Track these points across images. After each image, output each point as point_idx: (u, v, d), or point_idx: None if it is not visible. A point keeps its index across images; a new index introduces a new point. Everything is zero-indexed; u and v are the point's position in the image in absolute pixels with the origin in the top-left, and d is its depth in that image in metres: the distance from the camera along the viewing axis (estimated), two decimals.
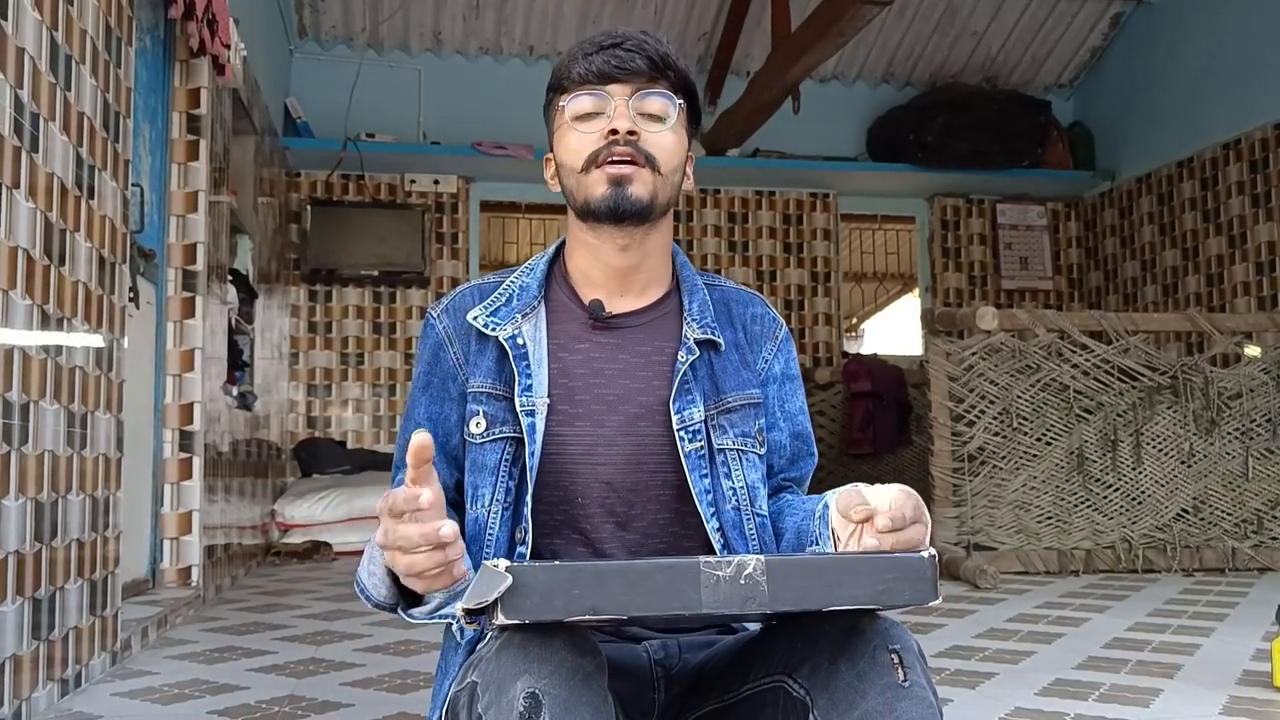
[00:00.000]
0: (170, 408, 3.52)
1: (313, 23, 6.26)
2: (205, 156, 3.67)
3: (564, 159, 1.20)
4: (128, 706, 2.17)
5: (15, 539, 1.95)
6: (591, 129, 1.17)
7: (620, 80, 1.17)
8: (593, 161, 1.16)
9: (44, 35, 2.10)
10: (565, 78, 1.19)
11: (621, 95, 1.17)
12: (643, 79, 1.17)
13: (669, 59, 1.19)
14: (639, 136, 1.16)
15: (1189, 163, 6.17)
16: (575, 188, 1.19)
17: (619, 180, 1.15)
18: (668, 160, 1.18)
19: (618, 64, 1.16)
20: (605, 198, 1.16)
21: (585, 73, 1.17)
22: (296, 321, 6.27)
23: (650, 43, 1.18)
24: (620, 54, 1.16)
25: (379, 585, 1.06)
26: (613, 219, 1.17)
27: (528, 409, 1.17)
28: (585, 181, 1.17)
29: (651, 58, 1.17)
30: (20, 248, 1.98)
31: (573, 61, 1.19)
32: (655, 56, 1.17)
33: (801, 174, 6.71)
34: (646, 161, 1.16)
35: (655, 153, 1.17)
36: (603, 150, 1.16)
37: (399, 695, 2.25)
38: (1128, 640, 2.82)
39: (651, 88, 1.18)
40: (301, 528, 5.24)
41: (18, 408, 1.96)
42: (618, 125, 1.15)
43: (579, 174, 1.18)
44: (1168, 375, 4.41)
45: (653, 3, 6.31)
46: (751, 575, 0.86)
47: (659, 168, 1.17)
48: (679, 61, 1.20)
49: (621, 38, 1.18)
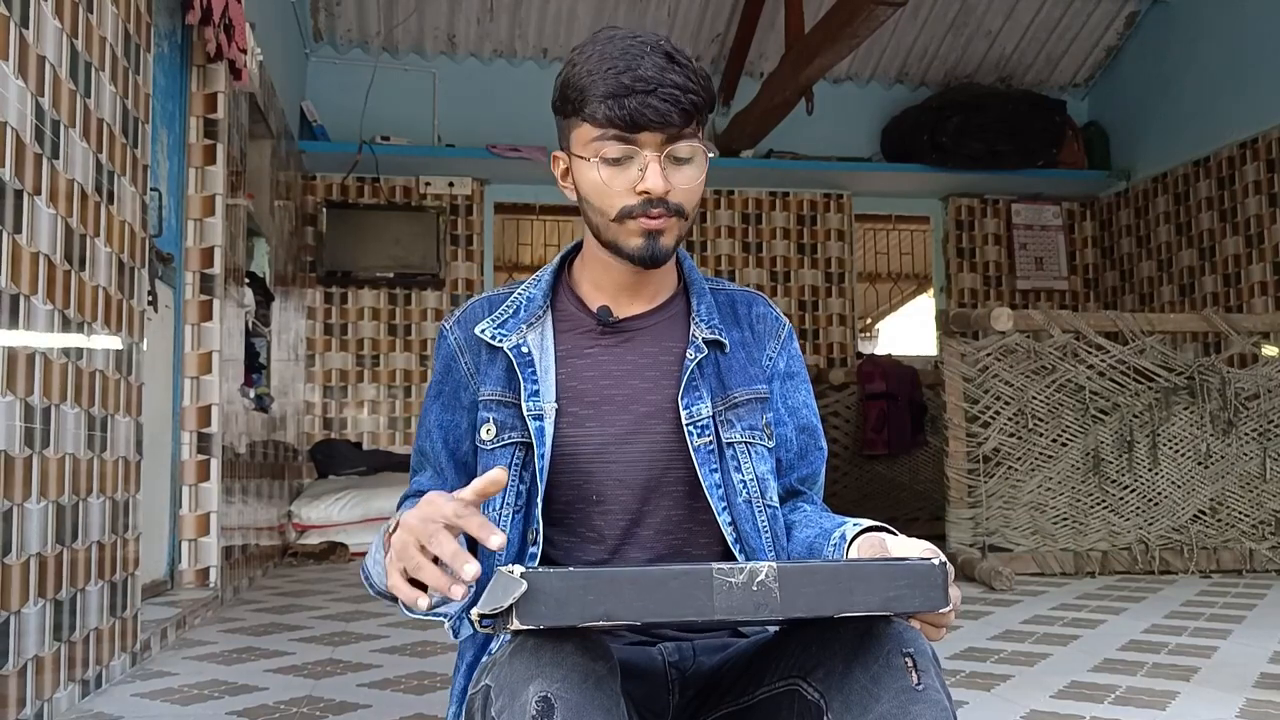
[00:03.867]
0: (188, 410, 3.55)
1: (328, 26, 6.29)
2: (222, 160, 3.70)
3: (591, 198, 1.19)
4: (148, 707, 2.20)
5: (37, 541, 1.97)
6: (621, 180, 1.16)
7: (651, 129, 1.13)
8: (627, 215, 1.17)
9: (64, 43, 2.12)
10: (589, 109, 1.14)
11: (652, 146, 1.14)
12: (674, 129, 1.14)
13: (699, 102, 1.15)
14: (670, 191, 1.15)
15: (1205, 162, 6.13)
16: (603, 228, 1.19)
17: (652, 233, 1.17)
18: (691, 202, 1.19)
19: (652, 115, 1.12)
20: (639, 249, 1.18)
21: (613, 117, 1.13)
22: (313, 323, 6.30)
23: (681, 89, 1.13)
24: (654, 104, 1.12)
25: (383, 575, 1.08)
26: (643, 265, 1.20)
27: (535, 414, 1.20)
28: (617, 229, 1.18)
29: (685, 110, 1.14)
30: (41, 253, 2.00)
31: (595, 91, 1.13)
32: (689, 106, 1.14)
33: (816, 175, 6.71)
34: (676, 213, 1.17)
35: (684, 202, 1.18)
36: (637, 208, 1.16)
37: (416, 696, 2.26)
38: (1144, 642, 2.81)
39: (682, 137, 1.15)
40: (318, 529, 5.27)
41: (39, 411, 1.98)
42: (651, 188, 1.14)
43: (610, 220, 1.18)
44: (1184, 376, 4.39)
45: (666, 4, 6.31)
46: (764, 582, 0.86)
47: (686, 214, 1.19)
48: (706, 93, 1.17)
49: (653, 82, 1.12)
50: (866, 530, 1.14)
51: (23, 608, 1.91)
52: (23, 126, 1.92)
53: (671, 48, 1.16)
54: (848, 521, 1.18)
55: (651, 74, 1.12)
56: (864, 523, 1.16)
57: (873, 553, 1.08)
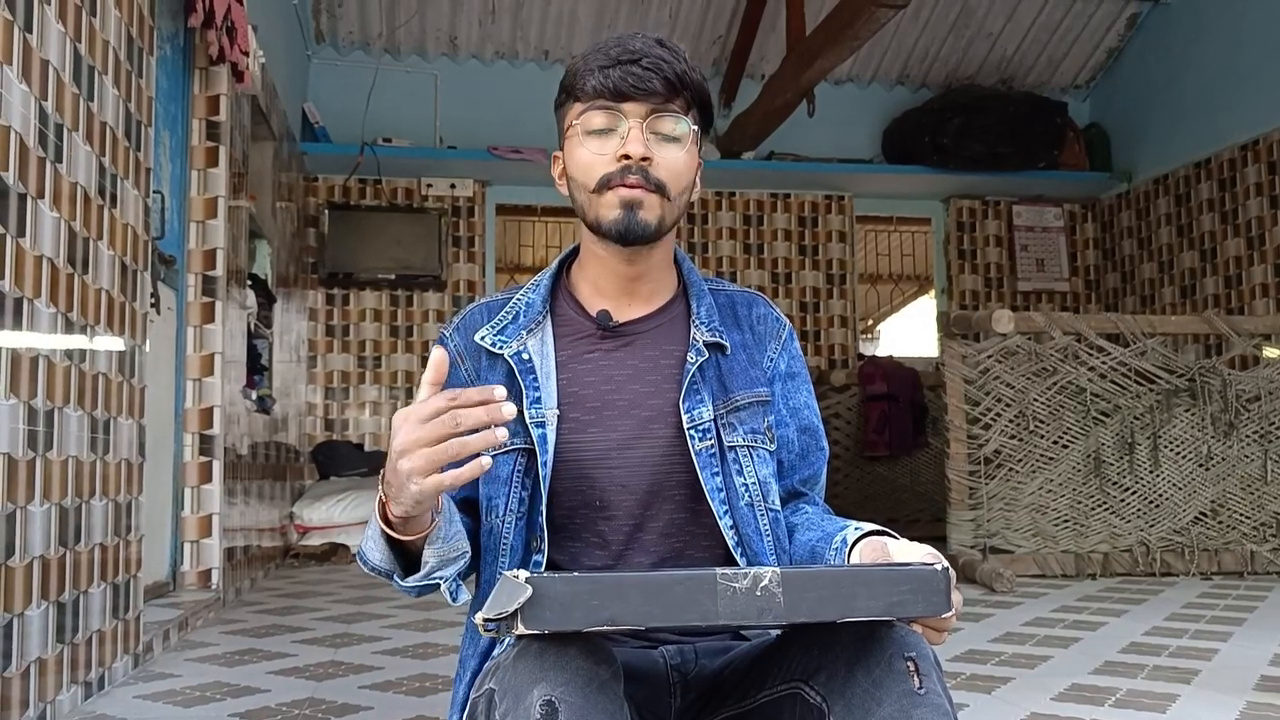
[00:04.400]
0: (190, 412, 3.55)
1: (330, 28, 6.29)
2: (224, 163, 3.71)
3: (575, 174, 1.21)
4: (150, 709, 2.20)
5: (40, 544, 1.98)
6: (604, 149, 1.18)
7: (635, 99, 1.16)
8: (605, 184, 1.17)
9: (67, 47, 2.12)
10: (579, 86, 1.18)
11: (636, 115, 1.17)
12: (658, 99, 1.16)
13: (685, 76, 1.18)
14: (651, 162, 1.17)
15: (1207, 164, 6.13)
16: (586, 204, 1.21)
17: (630, 204, 1.17)
18: (677, 183, 1.20)
19: (634, 82, 1.15)
20: (616, 221, 1.18)
21: (600, 87, 1.16)
22: (314, 325, 6.31)
23: (667, 61, 1.17)
24: (637, 71, 1.15)
25: (374, 549, 1.09)
26: (621, 241, 1.19)
27: (537, 420, 1.19)
28: (597, 201, 1.19)
29: (668, 78, 1.16)
30: (44, 256, 2.00)
31: (588, 70, 1.18)
32: (672, 76, 1.16)
33: (817, 176, 6.71)
34: (657, 188, 1.18)
35: (666, 179, 1.18)
36: (615, 174, 1.17)
37: (418, 698, 2.27)
38: (1145, 645, 2.82)
39: (666, 109, 1.17)
40: (319, 530, 5.28)
41: (42, 414, 1.99)
42: (631, 150, 1.16)
43: (590, 193, 1.19)
44: (1185, 378, 4.39)
45: (667, 6, 6.32)
46: (767, 587, 0.87)
47: (668, 193, 1.19)
48: (695, 76, 1.19)
49: (639, 53, 1.16)
50: (868, 534, 1.14)
51: (26, 610, 1.92)
52: (26, 130, 1.92)
53: (665, 39, 1.19)
54: (849, 525, 1.18)
55: (638, 47, 1.16)
56: (866, 526, 1.16)
57: (875, 557, 1.08)
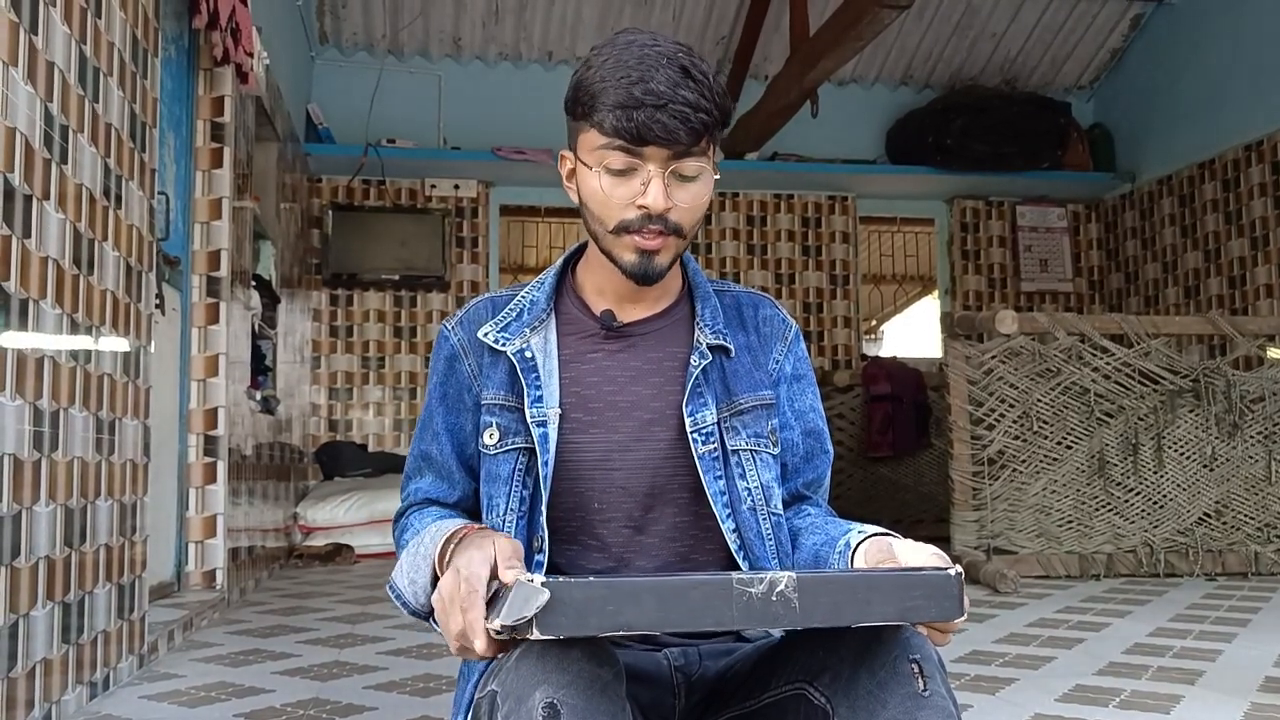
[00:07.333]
0: (195, 412, 3.56)
1: (334, 29, 6.30)
2: (229, 164, 3.71)
3: (590, 204, 1.18)
4: (155, 709, 2.20)
5: (46, 544, 1.98)
6: (623, 192, 1.14)
7: (658, 145, 1.11)
8: (624, 229, 1.15)
9: (73, 48, 2.13)
10: (598, 112, 1.12)
11: (656, 161, 1.12)
12: (681, 147, 1.12)
13: (710, 116, 1.12)
14: (670, 209, 1.14)
15: (1210, 164, 6.12)
16: (601, 237, 1.19)
17: (648, 252, 1.16)
18: (692, 220, 1.17)
19: (659, 131, 1.09)
20: (632, 265, 1.17)
21: (620, 128, 1.10)
22: (318, 325, 6.32)
23: (693, 106, 1.10)
24: (663, 120, 1.09)
25: (419, 595, 1.09)
26: (637, 283, 1.18)
27: (538, 420, 1.19)
28: (613, 240, 1.17)
29: (695, 128, 1.11)
30: (50, 257, 2.01)
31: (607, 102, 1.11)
32: (698, 125, 1.11)
33: (820, 177, 6.71)
34: (674, 232, 1.16)
35: (683, 220, 1.16)
36: (634, 223, 1.14)
37: (422, 699, 2.27)
38: (1149, 646, 2.82)
39: (689, 155, 1.13)
40: (323, 530, 5.28)
41: (48, 415, 1.99)
42: (651, 205, 1.13)
43: (608, 233, 1.17)
44: (1189, 378, 4.38)
45: (671, 7, 6.32)
46: (783, 592, 0.86)
47: (684, 233, 1.17)
48: (720, 106, 1.13)
49: (664, 98, 1.09)
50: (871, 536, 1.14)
51: (31, 610, 1.92)
52: (31, 132, 1.93)
53: (690, 60, 1.12)
54: (853, 528, 1.18)
55: (663, 88, 1.09)
56: (869, 529, 1.16)
57: (879, 557, 1.08)
